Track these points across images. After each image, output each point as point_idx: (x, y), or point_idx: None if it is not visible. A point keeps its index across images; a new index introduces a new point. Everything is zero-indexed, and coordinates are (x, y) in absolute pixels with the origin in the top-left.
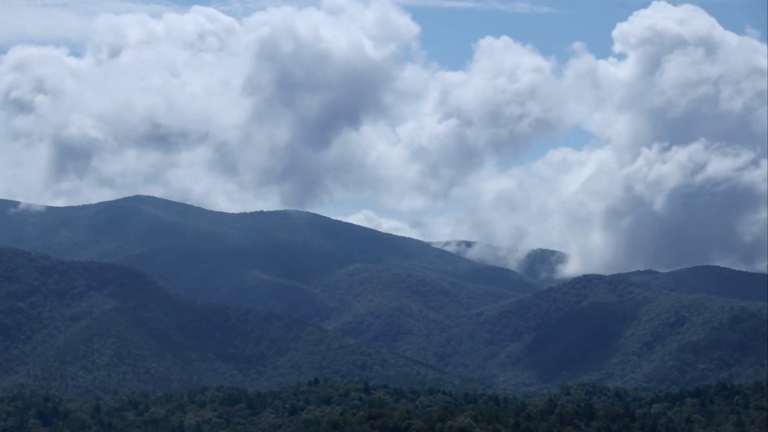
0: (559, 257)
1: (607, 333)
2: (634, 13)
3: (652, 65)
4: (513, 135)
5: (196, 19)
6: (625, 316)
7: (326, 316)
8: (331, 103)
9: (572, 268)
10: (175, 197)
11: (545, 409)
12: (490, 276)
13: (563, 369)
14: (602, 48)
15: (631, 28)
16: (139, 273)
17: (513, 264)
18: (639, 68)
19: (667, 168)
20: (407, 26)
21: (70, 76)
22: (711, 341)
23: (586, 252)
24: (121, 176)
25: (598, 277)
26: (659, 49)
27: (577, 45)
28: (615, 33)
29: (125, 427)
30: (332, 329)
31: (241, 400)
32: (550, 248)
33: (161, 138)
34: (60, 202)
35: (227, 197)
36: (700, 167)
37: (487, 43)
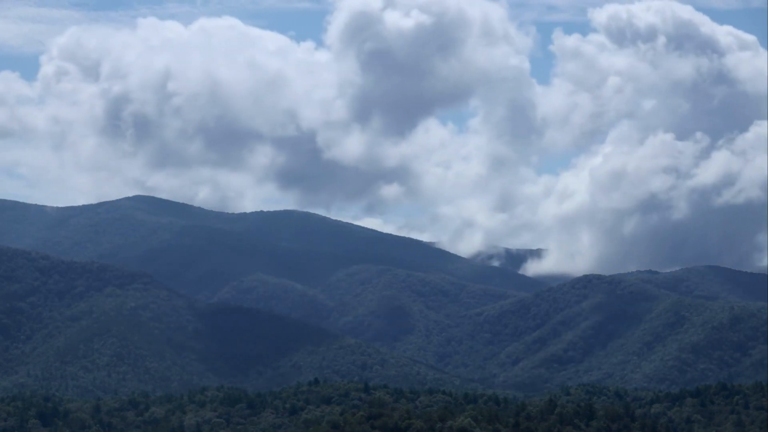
0: (559, 257)
1: (607, 333)
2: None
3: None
4: (567, 138)
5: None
6: (625, 316)
7: (326, 316)
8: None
9: (571, 268)
10: (175, 197)
11: (545, 409)
12: (490, 276)
13: (563, 369)
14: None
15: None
16: (139, 273)
17: (513, 264)
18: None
19: (671, 168)
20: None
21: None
22: (711, 341)
23: (586, 252)
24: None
25: (598, 277)
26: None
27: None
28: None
29: (125, 427)
30: (332, 329)
31: (241, 400)
32: (550, 248)
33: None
34: (70, 201)
35: (227, 196)
36: (703, 167)
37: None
